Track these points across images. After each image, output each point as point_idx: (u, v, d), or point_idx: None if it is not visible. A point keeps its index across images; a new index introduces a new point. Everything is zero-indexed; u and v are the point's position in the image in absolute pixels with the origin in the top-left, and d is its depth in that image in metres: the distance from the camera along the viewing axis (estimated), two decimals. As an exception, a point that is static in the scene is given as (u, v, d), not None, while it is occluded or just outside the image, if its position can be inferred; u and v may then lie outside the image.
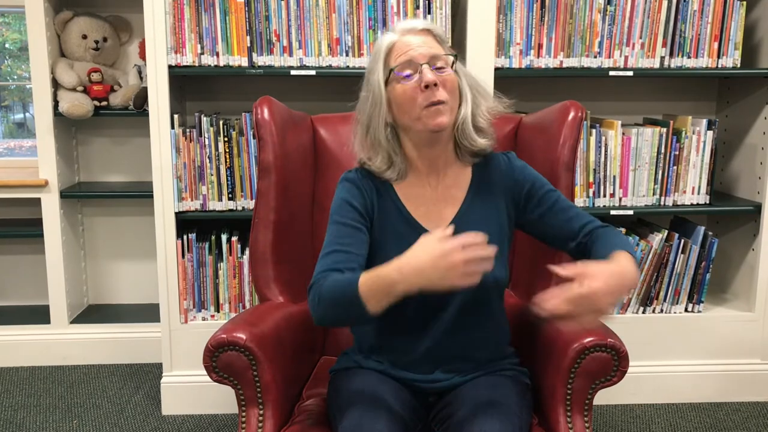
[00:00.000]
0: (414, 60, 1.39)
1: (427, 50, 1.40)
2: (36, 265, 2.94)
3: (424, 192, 1.49)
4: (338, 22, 2.30)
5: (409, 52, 1.40)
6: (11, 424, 2.39)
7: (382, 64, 1.42)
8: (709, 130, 2.41)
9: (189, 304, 2.43)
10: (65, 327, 2.81)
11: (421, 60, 1.39)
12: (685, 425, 2.40)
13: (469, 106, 1.45)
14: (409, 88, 1.39)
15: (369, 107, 1.45)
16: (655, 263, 2.42)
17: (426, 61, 1.39)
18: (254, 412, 1.47)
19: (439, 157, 1.48)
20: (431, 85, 1.37)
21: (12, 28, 3.20)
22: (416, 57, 1.39)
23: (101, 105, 2.68)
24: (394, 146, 1.46)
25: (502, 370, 1.50)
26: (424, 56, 1.39)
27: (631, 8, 2.34)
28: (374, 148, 1.47)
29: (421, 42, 1.41)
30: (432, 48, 1.41)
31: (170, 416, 2.45)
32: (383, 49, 1.42)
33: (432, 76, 1.37)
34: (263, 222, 1.76)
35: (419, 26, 1.45)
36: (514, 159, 1.55)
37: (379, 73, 1.42)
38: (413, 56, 1.39)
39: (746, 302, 2.57)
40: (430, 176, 1.49)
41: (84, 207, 2.95)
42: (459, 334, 1.45)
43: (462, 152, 1.49)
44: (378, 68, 1.42)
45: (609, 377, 1.45)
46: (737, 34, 2.38)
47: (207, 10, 2.27)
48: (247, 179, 2.38)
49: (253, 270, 1.79)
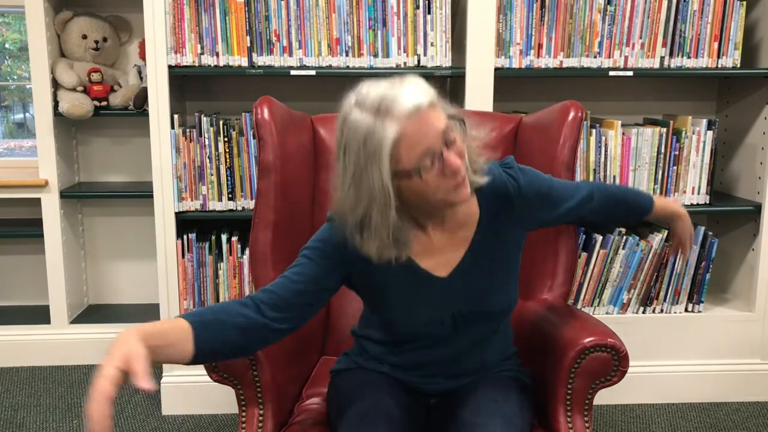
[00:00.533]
0: (431, 149, 1.16)
1: (438, 130, 1.17)
2: (36, 265, 2.94)
3: (428, 240, 1.36)
4: (338, 22, 2.30)
5: (423, 143, 1.15)
6: (11, 424, 2.39)
7: (388, 163, 1.15)
8: (709, 130, 2.41)
9: (189, 304, 2.43)
10: (65, 327, 2.81)
11: (438, 146, 1.17)
12: (685, 425, 2.40)
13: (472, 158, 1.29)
14: (430, 179, 1.18)
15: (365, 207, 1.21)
16: (655, 263, 2.42)
17: (443, 145, 1.17)
18: (254, 412, 1.47)
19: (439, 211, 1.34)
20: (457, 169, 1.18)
21: (12, 28, 3.20)
22: (433, 145, 1.16)
23: (101, 105, 2.68)
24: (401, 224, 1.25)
25: (503, 371, 1.50)
26: (439, 138, 1.17)
27: (631, 8, 2.34)
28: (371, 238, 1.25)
29: (428, 120, 1.16)
30: (440, 121, 1.18)
31: (170, 416, 2.45)
32: (386, 147, 1.14)
33: (454, 158, 1.18)
34: (263, 222, 1.76)
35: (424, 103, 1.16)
36: (521, 180, 1.38)
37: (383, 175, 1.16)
38: (430, 146, 1.16)
39: (746, 302, 2.57)
40: (435, 227, 1.36)
41: (84, 207, 2.95)
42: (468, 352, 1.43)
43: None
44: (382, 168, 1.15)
45: (609, 377, 1.45)
46: (737, 34, 2.38)
47: (207, 10, 2.27)
48: (247, 179, 2.38)
49: (253, 270, 1.79)
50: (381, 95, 1.16)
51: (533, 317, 1.65)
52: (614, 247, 2.40)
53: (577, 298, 2.44)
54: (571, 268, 1.78)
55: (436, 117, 1.17)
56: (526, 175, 1.40)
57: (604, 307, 2.46)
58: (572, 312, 1.61)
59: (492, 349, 1.47)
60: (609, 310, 2.47)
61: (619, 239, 2.40)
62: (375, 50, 2.32)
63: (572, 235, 1.77)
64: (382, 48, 2.32)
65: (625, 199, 1.58)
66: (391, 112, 1.14)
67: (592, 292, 2.45)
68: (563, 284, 1.76)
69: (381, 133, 1.14)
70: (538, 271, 1.78)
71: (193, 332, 1.17)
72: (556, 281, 1.76)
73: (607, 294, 2.45)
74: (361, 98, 1.18)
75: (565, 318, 1.57)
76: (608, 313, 2.46)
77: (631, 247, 2.40)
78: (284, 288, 1.28)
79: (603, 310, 2.46)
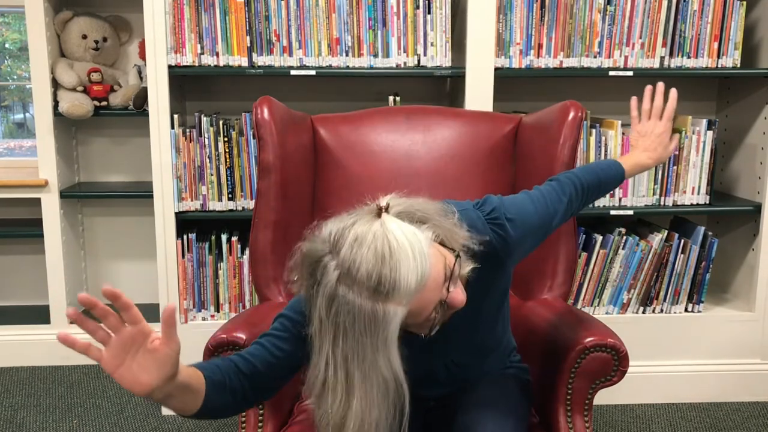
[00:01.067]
0: (438, 303, 1.08)
1: (441, 280, 1.07)
2: (36, 265, 2.94)
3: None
4: (338, 22, 2.30)
5: (431, 304, 1.07)
6: (11, 424, 2.39)
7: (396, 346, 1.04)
8: (709, 130, 2.41)
9: (189, 304, 2.43)
10: (65, 327, 2.80)
11: (442, 296, 1.08)
12: (685, 425, 2.40)
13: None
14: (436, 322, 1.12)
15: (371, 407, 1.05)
16: (655, 263, 2.42)
17: (446, 289, 1.08)
18: (254, 412, 1.47)
19: None
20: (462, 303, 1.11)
21: (12, 28, 3.20)
22: (439, 299, 1.08)
23: (101, 105, 2.68)
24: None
25: (503, 368, 1.49)
26: (442, 289, 1.08)
27: (631, 8, 2.34)
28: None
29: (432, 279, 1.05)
30: (440, 271, 1.07)
31: (170, 416, 2.45)
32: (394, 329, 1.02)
33: (458, 294, 1.10)
34: (263, 222, 1.76)
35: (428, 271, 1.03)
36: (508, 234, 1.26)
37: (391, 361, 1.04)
38: (437, 301, 1.08)
39: (746, 302, 2.57)
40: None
41: (84, 207, 2.95)
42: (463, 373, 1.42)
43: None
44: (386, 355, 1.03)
45: (609, 377, 1.45)
46: (737, 34, 2.38)
47: (207, 10, 2.27)
48: (247, 179, 2.38)
49: (253, 270, 1.79)
50: (377, 272, 0.99)
51: (533, 317, 1.65)
52: (614, 247, 2.40)
53: (577, 298, 2.44)
54: (571, 268, 1.78)
55: (436, 272, 1.05)
56: (512, 224, 1.27)
57: (604, 307, 2.46)
58: (572, 312, 1.61)
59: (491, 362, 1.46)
60: (609, 310, 2.47)
61: (619, 239, 2.40)
62: (375, 50, 2.32)
63: (572, 235, 1.77)
64: (382, 48, 2.32)
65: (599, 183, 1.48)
66: (395, 294, 1.00)
67: (592, 292, 2.45)
68: (563, 284, 1.77)
69: (389, 320, 1.00)
70: (538, 271, 1.78)
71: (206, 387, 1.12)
72: (556, 281, 1.76)
73: (607, 294, 2.45)
74: (348, 272, 1.00)
75: (565, 318, 1.57)
76: (608, 313, 2.46)
77: (631, 247, 2.40)
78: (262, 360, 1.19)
79: (603, 310, 2.46)
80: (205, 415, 1.16)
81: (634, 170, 1.57)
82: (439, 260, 1.07)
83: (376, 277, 0.99)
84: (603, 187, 1.51)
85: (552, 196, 1.38)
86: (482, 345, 1.41)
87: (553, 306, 1.67)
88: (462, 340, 1.35)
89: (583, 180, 1.44)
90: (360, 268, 0.99)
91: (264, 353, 1.20)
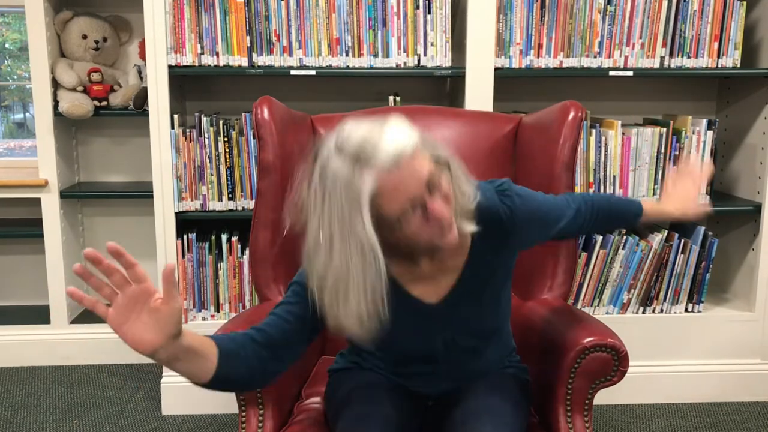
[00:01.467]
0: (413, 198, 1.12)
1: (421, 179, 1.12)
2: (36, 265, 2.94)
3: (417, 268, 1.32)
4: (338, 22, 2.30)
5: (404, 193, 1.11)
6: (11, 424, 2.39)
7: (368, 211, 1.10)
8: (709, 130, 2.41)
9: (189, 304, 2.43)
10: (65, 327, 2.81)
11: (421, 195, 1.12)
12: (685, 425, 2.40)
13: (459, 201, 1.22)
14: (413, 227, 1.15)
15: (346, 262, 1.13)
16: (655, 263, 2.42)
17: (427, 192, 1.13)
18: (254, 412, 1.47)
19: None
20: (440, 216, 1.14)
21: (12, 28, 3.20)
22: (415, 194, 1.12)
23: (101, 105, 2.68)
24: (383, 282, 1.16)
25: (502, 367, 1.49)
26: (421, 187, 1.12)
27: (631, 8, 2.34)
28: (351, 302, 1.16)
29: (413, 170, 1.11)
30: (423, 168, 1.12)
31: (170, 416, 2.45)
32: (365, 197, 1.09)
33: (440, 205, 1.14)
34: (263, 222, 1.76)
35: (407, 150, 1.11)
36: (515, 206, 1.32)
37: (365, 224, 1.10)
38: (412, 195, 1.12)
39: (746, 302, 2.57)
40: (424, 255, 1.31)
41: (84, 207, 2.95)
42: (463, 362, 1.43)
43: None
44: (361, 218, 1.10)
45: (609, 377, 1.45)
46: (737, 34, 2.38)
47: (207, 10, 2.27)
48: (247, 179, 2.38)
49: (253, 270, 1.79)
50: (361, 141, 1.10)
51: (533, 317, 1.65)
52: (614, 247, 2.40)
53: (577, 298, 2.44)
54: (571, 268, 1.78)
55: (419, 164, 1.12)
56: (521, 199, 1.33)
57: (604, 307, 2.46)
58: (572, 312, 1.61)
59: (489, 355, 1.46)
60: (609, 310, 2.47)
61: (619, 239, 2.40)
62: (375, 50, 2.32)
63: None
64: (382, 48, 2.32)
65: (610, 210, 1.52)
66: (370, 161, 1.09)
67: (592, 292, 2.45)
68: (563, 284, 1.76)
69: (359, 185, 1.09)
70: (538, 271, 1.78)
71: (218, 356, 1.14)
72: (556, 281, 1.76)
73: (607, 294, 2.45)
74: (341, 142, 1.11)
75: (564, 318, 1.57)
76: (608, 313, 2.46)
77: (631, 247, 2.40)
78: (276, 328, 1.24)
79: (603, 310, 2.46)
80: (220, 385, 1.18)
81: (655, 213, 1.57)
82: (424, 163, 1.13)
83: (360, 144, 1.10)
84: (615, 215, 1.54)
85: (560, 200, 1.45)
86: (483, 327, 1.41)
87: (553, 306, 1.67)
88: (464, 315, 1.36)
89: (595, 200, 1.49)
90: (351, 138, 1.11)
91: (278, 321, 1.25)
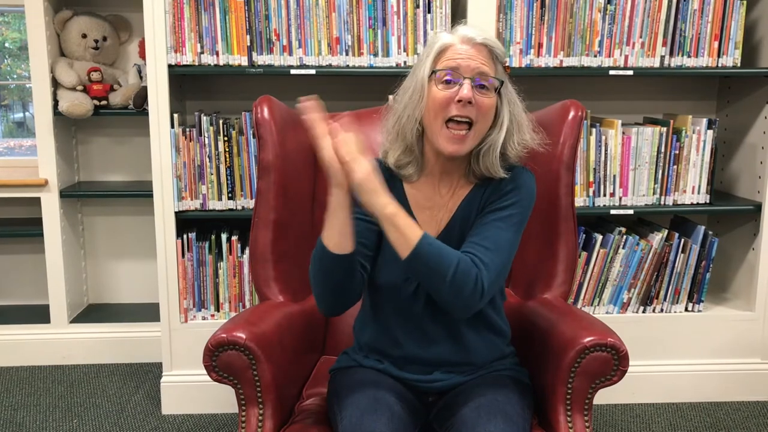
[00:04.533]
0: (459, 70, 1.36)
1: (476, 65, 1.36)
2: (36, 265, 2.94)
3: (432, 196, 1.48)
4: (338, 22, 2.30)
5: (458, 60, 1.36)
6: (11, 423, 2.39)
7: (431, 61, 1.39)
8: (709, 130, 2.41)
9: (189, 303, 2.43)
10: (65, 326, 2.81)
11: (466, 73, 1.36)
12: (685, 425, 2.40)
13: (502, 135, 1.41)
14: (444, 95, 1.36)
15: (407, 97, 1.42)
16: (656, 263, 2.42)
17: (470, 76, 1.36)
18: (254, 412, 1.47)
19: (455, 169, 1.46)
20: (465, 101, 1.34)
21: (12, 27, 3.20)
22: (463, 68, 1.36)
23: (101, 104, 2.68)
24: (417, 144, 1.44)
25: (501, 370, 1.50)
26: (470, 70, 1.36)
27: (632, 7, 2.34)
28: (398, 139, 1.45)
29: (474, 54, 1.37)
30: (483, 65, 1.37)
31: (170, 416, 2.45)
32: (436, 48, 1.39)
33: (469, 92, 1.34)
34: (263, 222, 1.76)
35: (478, 39, 1.38)
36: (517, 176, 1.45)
37: (425, 69, 1.39)
38: (460, 66, 1.36)
39: (746, 302, 2.57)
40: (442, 183, 1.48)
41: (84, 206, 2.95)
42: (456, 340, 1.45)
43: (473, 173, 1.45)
44: (426, 64, 1.39)
45: (609, 377, 1.45)
46: (737, 34, 2.38)
47: (207, 9, 2.27)
48: (247, 179, 2.37)
49: (253, 269, 1.79)
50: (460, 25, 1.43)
51: (533, 317, 1.65)
52: (614, 247, 2.40)
53: (577, 298, 2.44)
54: (571, 268, 1.77)
55: (481, 56, 1.37)
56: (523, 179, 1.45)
57: (604, 307, 2.46)
58: (572, 311, 1.61)
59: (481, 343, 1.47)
60: (609, 310, 2.47)
61: (619, 238, 2.40)
62: (375, 49, 2.32)
63: (572, 235, 1.77)
64: (382, 47, 2.32)
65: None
66: (455, 30, 1.41)
67: (592, 292, 2.45)
68: (563, 284, 1.76)
69: (436, 40, 1.41)
70: (538, 270, 1.78)
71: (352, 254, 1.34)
72: (556, 281, 1.76)
73: (607, 293, 2.45)
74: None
75: (565, 317, 1.57)
76: (608, 313, 2.46)
77: (631, 247, 2.40)
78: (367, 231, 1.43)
79: (603, 310, 2.46)
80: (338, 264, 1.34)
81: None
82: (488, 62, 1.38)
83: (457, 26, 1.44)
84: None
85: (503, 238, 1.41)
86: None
87: (553, 305, 1.67)
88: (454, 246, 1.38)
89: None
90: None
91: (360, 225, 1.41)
